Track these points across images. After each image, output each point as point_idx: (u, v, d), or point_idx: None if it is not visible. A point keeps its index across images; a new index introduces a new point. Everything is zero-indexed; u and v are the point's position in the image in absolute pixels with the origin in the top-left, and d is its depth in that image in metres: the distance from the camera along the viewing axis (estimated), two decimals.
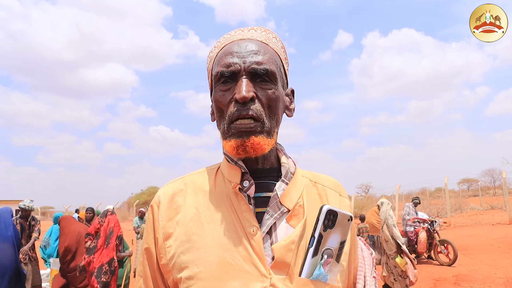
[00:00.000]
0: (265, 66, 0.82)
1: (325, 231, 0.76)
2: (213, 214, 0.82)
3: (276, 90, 0.84)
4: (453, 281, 7.15)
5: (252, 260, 0.76)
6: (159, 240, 0.84)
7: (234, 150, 0.80)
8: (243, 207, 0.81)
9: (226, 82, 0.83)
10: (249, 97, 0.78)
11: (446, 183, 18.74)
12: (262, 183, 0.86)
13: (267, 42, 0.89)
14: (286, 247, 0.78)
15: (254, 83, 0.82)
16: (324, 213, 0.76)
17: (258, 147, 0.79)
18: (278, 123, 0.87)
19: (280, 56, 0.90)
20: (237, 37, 0.89)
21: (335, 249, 0.78)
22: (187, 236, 0.81)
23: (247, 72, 0.81)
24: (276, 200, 0.83)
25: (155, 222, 0.86)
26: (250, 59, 0.82)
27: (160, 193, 0.91)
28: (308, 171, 0.97)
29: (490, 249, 10.20)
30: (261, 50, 0.85)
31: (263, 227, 0.80)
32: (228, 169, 0.87)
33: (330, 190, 0.93)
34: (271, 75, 0.83)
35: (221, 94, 0.83)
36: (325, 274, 0.76)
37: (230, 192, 0.84)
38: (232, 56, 0.83)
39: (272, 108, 0.83)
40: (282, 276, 0.76)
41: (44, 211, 39.94)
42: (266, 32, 0.92)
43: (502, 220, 16.59)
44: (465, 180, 41.28)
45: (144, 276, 0.88)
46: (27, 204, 6.15)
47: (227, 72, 0.82)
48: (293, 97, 0.96)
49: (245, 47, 0.84)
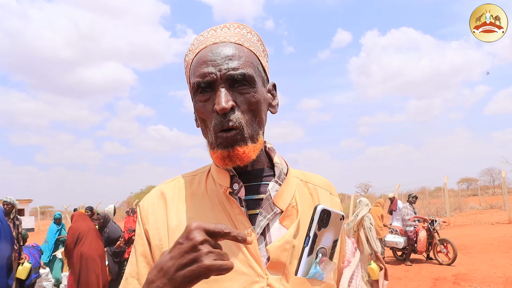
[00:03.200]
0: (242, 71, 0.80)
1: (319, 230, 0.77)
2: (207, 217, 0.82)
3: (256, 93, 0.82)
4: (453, 280, 7.17)
5: (248, 261, 0.76)
6: (152, 243, 0.83)
7: (221, 161, 0.81)
8: (235, 210, 0.81)
9: (204, 92, 0.82)
10: (228, 108, 0.77)
11: (445, 182, 18.77)
12: (252, 185, 0.86)
13: (241, 42, 0.86)
14: (281, 247, 0.78)
15: (232, 89, 0.80)
16: (319, 213, 0.76)
17: (243, 156, 0.79)
18: (262, 125, 0.86)
19: (257, 54, 0.88)
20: (210, 39, 0.86)
21: (328, 247, 0.78)
22: None
23: (224, 79, 0.80)
24: (269, 201, 0.83)
25: (148, 224, 0.84)
26: (226, 65, 0.80)
27: (152, 194, 0.89)
28: (298, 171, 0.96)
29: (490, 248, 10.22)
30: (236, 53, 0.83)
31: (257, 228, 0.80)
32: (217, 173, 0.87)
33: (321, 189, 0.93)
34: (249, 79, 0.81)
35: (202, 105, 0.82)
36: (321, 272, 0.77)
37: (221, 196, 0.84)
38: (207, 65, 0.81)
39: (254, 111, 0.83)
40: (278, 276, 0.77)
41: (43, 210, 39.91)
42: (240, 28, 0.89)
43: (502, 220, 16.62)
44: (465, 179, 41.24)
45: (138, 277, 0.83)
46: (11, 198, 5.90)
47: (203, 83, 0.81)
48: (275, 91, 0.94)
49: (219, 53, 0.82)
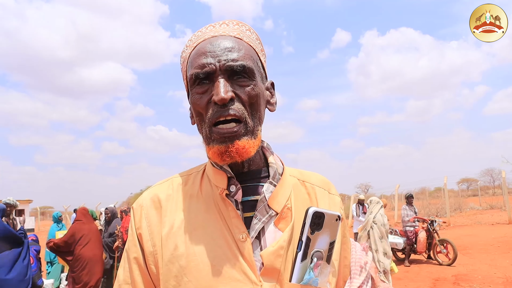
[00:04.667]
0: (241, 63, 0.78)
1: (313, 234, 0.74)
2: (201, 221, 0.79)
3: (256, 86, 0.80)
4: (453, 280, 7.16)
5: (242, 268, 0.74)
6: (146, 250, 0.81)
7: (219, 157, 0.77)
8: (231, 213, 0.78)
9: (202, 83, 0.79)
10: (228, 98, 0.75)
11: (445, 182, 18.75)
12: (249, 186, 0.83)
13: (240, 36, 0.84)
14: (275, 253, 0.76)
15: (231, 81, 0.78)
16: (310, 216, 0.74)
17: (243, 152, 0.76)
18: (261, 121, 0.83)
19: (256, 50, 0.86)
20: (208, 34, 0.84)
21: (324, 250, 0.76)
22: (174, 244, 0.78)
23: (223, 71, 0.77)
24: (264, 204, 0.80)
25: (141, 229, 0.82)
26: (225, 57, 0.78)
27: (145, 196, 0.87)
28: (296, 169, 0.93)
29: (490, 248, 10.20)
30: (236, 46, 0.80)
31: (252, 231, 0.78)
32: (213, 174, 0.84)
33: (319, 189, 0.90)
34: (249, 71, 0.79)
35: (198, 97, 0.80)
36: (315, 278, 0.75)
37: (217, 198, 0.81)
38: (206, 56, 0.79)
39: (254, 105, 0.80)
40: (272, 283, 0.74)
41: (43, 210, 39.84)
42: (239, 25, 0.87)
43: (502, 220, 16.60)
44: (465, 179, 41.36)
45: (133, 284, 0.82)
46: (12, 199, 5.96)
47: (202, 74, 0.78)
48: (273, 89, 0.92)
49: (218, 45, 0.80)
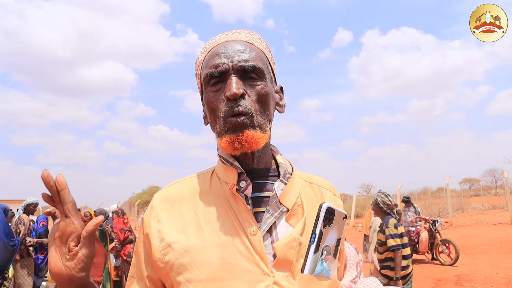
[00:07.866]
0: (252, 63, 0.84)
1: (324, 228, 0.78)
2: (211, 216, 0.82)
3: (265, 86, 0.85)
4: (455, 281, 7.15)
5: (254, 259, 0.76)
6: (155, 244, 0.83)
7: (230, 145, 0.81)
8: (241, 208, 0.81)
9: (216, 83, 0.85)
10: (239, 94, 0.79)
11: (447, 182, 18.70)
12: (258, 183, 0.87)
13: (252, 42, 0.90)
14: (288, 244, 0.78)
15: (243, 80, 0.83)
16: (324, 210, 0.78)
17: (252, 141, 0.80)
18: (270, 119, 0.88)
19: (266, 55, 0.92)
20: (222, 39, 0.90)
21: (332, 246, 0.80)
22: (186, 239, 0.80)
23: (235, 70, 0.83)
24: (275, 200, 0.83)
25: (150, 226, 0.86)
26: (237, 57, 0.84)
27: (157, 196, 0.90)
28: (302, 173, 0.98)
29: (492, 249, 10.18)
30: (247, 49, 0.87)
31: (264, 225, 0.81)
32: (224, 171, 0.87)
33: (325, 190, 0.95)
34: (259, 72, 0.85)
35: (213, 95, 0.85)
36: (328, 269, 0.78)
37: (227, 193, 0.84)
38: (220, 56, 0.85)
39: (263, 103, 0.85)
40: (284, 273, 0.77)
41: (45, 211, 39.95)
42: (250, 33, 0.93)
43: (504, 220, 16.54)
44: (467, 179, 41.17)
45: (138, 278, 0.87)
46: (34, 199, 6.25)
47: (216, 73, 0.83)
48: (282, 93, 0.97)
49: (231, 47, 0.86)
